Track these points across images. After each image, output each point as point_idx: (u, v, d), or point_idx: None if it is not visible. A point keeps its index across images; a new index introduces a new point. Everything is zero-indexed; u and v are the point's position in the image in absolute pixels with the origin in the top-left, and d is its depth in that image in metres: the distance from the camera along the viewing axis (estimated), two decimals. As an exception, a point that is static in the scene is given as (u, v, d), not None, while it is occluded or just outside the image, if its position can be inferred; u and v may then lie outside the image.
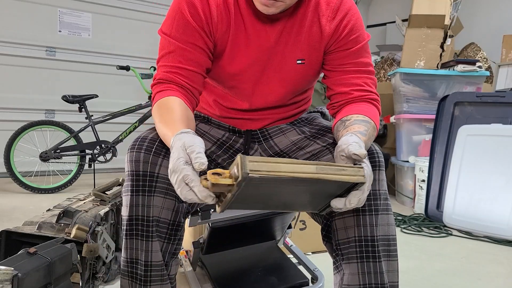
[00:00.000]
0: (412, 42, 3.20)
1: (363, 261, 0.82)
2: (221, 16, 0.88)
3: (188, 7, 0.86)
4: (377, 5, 5.77)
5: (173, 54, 0.87)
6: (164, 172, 0.80)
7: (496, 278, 1.72)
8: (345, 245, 0.84)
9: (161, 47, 0.89)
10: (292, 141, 1.02)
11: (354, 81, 0.93)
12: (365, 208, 0.82)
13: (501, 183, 2.34)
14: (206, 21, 0.87)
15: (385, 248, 0.83)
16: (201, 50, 0.88)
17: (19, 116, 3.75)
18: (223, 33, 0.90)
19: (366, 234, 0.82)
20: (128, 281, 0.81)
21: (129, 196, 0.79)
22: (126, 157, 0.81)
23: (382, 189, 0.85)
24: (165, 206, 0.80)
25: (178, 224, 0.83)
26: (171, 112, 0.81)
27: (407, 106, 3.09)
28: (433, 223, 2.53)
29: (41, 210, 2.42)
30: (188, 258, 1.44)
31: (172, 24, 0.87)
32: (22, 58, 3.78)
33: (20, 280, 0.95)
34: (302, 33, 0.92)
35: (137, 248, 0.79)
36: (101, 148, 3.30)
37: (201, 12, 0.86)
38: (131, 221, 0.79)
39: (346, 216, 0.84)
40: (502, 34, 3.59)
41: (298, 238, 1.85)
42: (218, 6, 0.88)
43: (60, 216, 1.37)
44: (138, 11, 4.27)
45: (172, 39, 0.87)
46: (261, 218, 1.14)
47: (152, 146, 0.81)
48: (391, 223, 0.85)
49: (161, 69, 0.89)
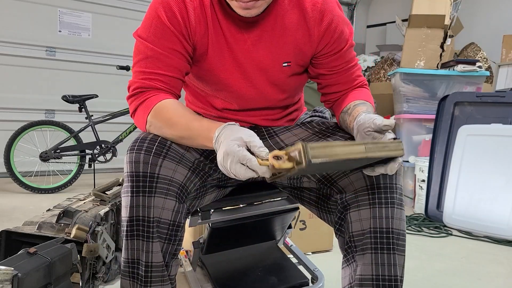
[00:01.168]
0: (412, 42, 3.20)
1: (377, 252, 0.82)
2: (198, 19, 0.87)
3: (165, 11, 0.84)
4: (377, 5, 5.77)
5: (151, 59, 0.86)
6: (164, 172, 0.80)
7: (496, 278, 1.72)
8: (359, 236, 0.84)
9: (137, 52, 0.87)
10: (297, 134, 1.02)
11: (348, 79, 0.99)
12: (381, 200, 0.83)
13: (501, 183, 2.34)
14: (184, 25, 0.86)
15: (395, 242, 0.83)
16: (180, 54, 0.87)
17: (19, 116, 3.75)
18: (202, 36, 0.89)
19: (382, 226, 0.82)
20: (129, 282, 0.81)
21: (129, 197, 0.79)
22: (125, 158, 0.81)
23: (398, 183, 0.85)
24: (165, 206, 0.80)
25: (179, 225, 0.83)
26: (183, 112, 0.83)
27: (407, 106, 3.09)
28: (433, 223, 2.53)
29: (41, 210, 2.42)
30: (188, 258, 1.44)
31: (149, 28, 0.86)
32: (22, 58, 3.78)
33: (20, 280, 0.95)
34: (287, 35, 0.91)
35: (138, 248, 0.79)
36: (101, 148, 3.30)
37: (179, 16, 0.85)
38: (132, 222, 0.79)
39: (362, 209, 0.84)
40: (502, 34, 3.59)
41: (298, 238, 1.85)
42: (195, 9, 0.86)
43: (60, 216, 1.37)
44: (138, 11, 4.27)
45: (150, 44, 0.85)
46: (261, 218, 1.14)
47: (152, 146, 0.81)
48: (403, 219, 0.85)
49: (139, 75, 0.87)
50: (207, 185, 0.95)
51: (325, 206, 0.93)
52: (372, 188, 0.84)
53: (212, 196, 0.99)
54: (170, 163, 0.81)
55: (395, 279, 0.82)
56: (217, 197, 1.03)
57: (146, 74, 0.86)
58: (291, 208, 1.16)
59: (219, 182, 1.00)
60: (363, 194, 0.84)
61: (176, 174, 0.82)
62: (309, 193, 0.98)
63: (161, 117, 0.83)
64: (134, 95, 0.88)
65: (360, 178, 0.85)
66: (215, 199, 1.03)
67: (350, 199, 0.86)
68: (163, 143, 0.83)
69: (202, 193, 0.94)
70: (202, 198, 0.95)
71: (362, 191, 0.84)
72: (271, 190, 1.10)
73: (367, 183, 0.84)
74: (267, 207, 1.11)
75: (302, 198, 1.01)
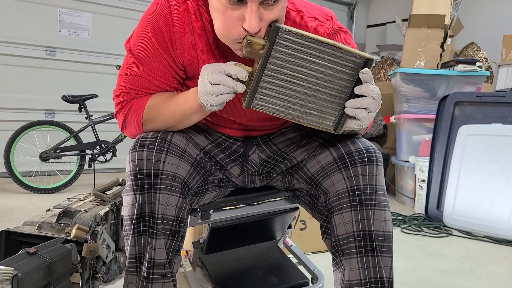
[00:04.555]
0: (412, 42, 3.20)
1: (362, 255, 0.82)
2: (187, 39, 0.85)
3: (153, 31, 0.83)
4: (377, 5, 5.77)
5: (138, 78, 0.87)
6: (168, 168, 0.80)
7: (496, 278, 1.72)
8: (344, 240, 0.84)
9: (126, 65, 0.88)
10: (289, 139, 1.02)
11: None
12: (362, 203, 0.83)
13: (501, 183, 2.34)
14: (172, 46, 0.85)
15: (379, 244, 0.83)
16: (168, 74, 0.88)
17: (19, 116, 3.75)
18: (192, 56, 0.87)
19: (364, 229, 0.82)
20: (135, 276, 0.81)
21: (134, 195, 0.79)
22: (128, 158, 0.82)
23: (379, 184, 0.85)
24: (169, 202, 0.80)
25: (182, 221, 0.83)
26: (162, 95, 0.87)
27: (407, 106, 3.09)
28: (433, 223, 2.53)
29: (41, 210, 2.42)
30: (188, 258, 1.44)
31: (139, 46, 0.85)
32: (22, 58, 3.78)
33: (20, 280, 0.95)
34: None
35: (145, 244, 0.80)
36: (101, 148, 3.30)
37: (167, 38, 0.84)
38: (139, 219, 0.79)
39: (344, 212, 0.84)
40: (502, 34, 3.58)
41: (298, 238, 1.85)
42: (183, 28, 0.84)
43: (60, 216, 1.37)
44: (138, 11, 4.27)
45: (139, 63, 0.86)
46: (261, 218, 1.14)
47: (154, 143, 0.81)
48: (387, 219, 0.85)
49: (124, 89, 0.89)
50: (208, 183, 0.95)
51: (316, 206, 0.93)
52: (352, 190, 0.84)
53: (212, 195, 0.99)
54: (173, 159, 0.82)
55: (382, 281, 0.82)
56: (217, 197, 1.03)
57: (131, 90, 0.89)
58: (291, 208, 1.16)
59: (220, 183, 1.00)
60: (344, 196, 0.84)
61: (179, 169, 0.83)
62: (301, 194, 0.98)
63: (150, 108, 0.86)
64: (119, 110, 0.91)
65: (340, 179, 0.85)
66: (215, 199, 1.03)
67: (333, 202, 0.86)
68: (164, 138, 0.83)
69: (203, 191, 0.94)
70: (202, 195, 0.95)
71: (343, 193, 0.85)
72: (271, 190, 1.10)
73: (347, 185, 0.84)
74: (267, 207, 1.11)
75: (299, 199, 1.01)
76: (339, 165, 0.87)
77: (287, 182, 1.00)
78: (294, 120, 0.80)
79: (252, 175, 1.04)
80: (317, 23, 0.89)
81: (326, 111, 0.80)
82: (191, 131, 0.94)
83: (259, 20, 0.73)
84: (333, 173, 0.87)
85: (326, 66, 0.77)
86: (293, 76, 0.77)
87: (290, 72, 0.76)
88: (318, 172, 0.90)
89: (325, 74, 0.77)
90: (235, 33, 0.75)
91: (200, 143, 0.95)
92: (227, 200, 1.06)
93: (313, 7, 0.92)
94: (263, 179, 1.05)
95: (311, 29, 0.88)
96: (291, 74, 0.76)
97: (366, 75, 0.76)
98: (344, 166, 0.86)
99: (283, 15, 0.77)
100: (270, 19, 0.74)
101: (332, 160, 0.88)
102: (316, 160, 0.92)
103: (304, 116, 0.80)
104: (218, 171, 0.98)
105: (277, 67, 0.75)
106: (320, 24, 0.89)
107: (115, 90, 0.92)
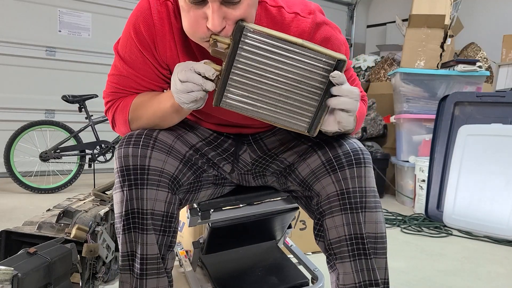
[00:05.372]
0: (412, 42, 3.20)
1: (355, 259, 0.82)
2: (168, 40, 0.86)
3: (135, 34, 0.84)
4: (377, 5, 5.77)
5: (124, 79, 0.89)
6: (154, 164, 0.81)
7: (496, 278, 1.72)
8: (337, 244, 0.84)
9: (115, 66, 0.90)
10: (280, 139, 1.02)
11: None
12: (352, 206, 0.83)
13: (501, 183, 2.34)
14: (155, 47, 0.86)
15: (372, 246, 0.83)
16: (154, 75, 0.89)
17: (19, 116, 3.75)
18: (173, 57, 0.88)
19: (356, 232, 0.82)
20: (129, 275, 0.81)
21: (122, 192, 0.80)
22: (115, 155, 0.83)
23: (369, 186, 0.85)
24: (158, 198, 0.80)
25: (172, 216, 0.83)
26: (147, 94, 0.89)
27: (407, 106, 3.09)
28: (433, 223, 2.53)
29: (41, 210, 2.42)
30: (188, 258, 1.44)
31: (125, 48, 0.87)
32: (22, 58, 3.78)
33: (20, 280, 0.95)
34: None
35: (136, 241, 0.80)
36: (101, 148, 3.30)
37: (148, 38, 0.84)
38: (128, 215, 0.79)
39: (335, 215, 0.84)
40: (502, 34, 3.58)
41: (298, 238, 1.85)
42: (164, 28, 0.84)
43: (60, 216, 1.37)
44: (138, 11, 4.27)
45: (125, 65, 0.87)
46: (261, 218, 1.14)
47: (139, 139, 0.82)
48: (379, 221, 0.84)
49: (112, 89, 0.91)
50: (202, 180, 0.95)
51: (310, 208, 0.93)
52: (342, 194, 0.84)
53: (208, 192, 1.00)
54: (159, 154, 0.82)
55: (376, 283, 0.82)
56: (214, 195, 1.03)
57: (119, 90, 0.91)
58: (291, 208, 1.16)
59: (216, 180, 1.00)
60: (334, 200, 0.84)
61: (166, 165, 0.83)
62: (297, 195, 0.98)
63: (135, 107, 0.88)
64: (108, 109, 0.94)
65: (329, 183, 0.85)
66: (212, 197, 1.03)
67: (324, 205, 0.86)
68: (149, 135, 0.84)
69: (197, 188, 0.94)
70: (196, 192, 0.95)
71: (333, 196, 0.84)
72: (271, 190, 1.10)
73: (337, 188, 0.84)
74: (267, 207, 1.12)
75: (296, 199, 1.01)
76: (327, 169, 0.86)
77: (283, 184, 1.00)
78: (266, 121, 0.79)
79: (245, 174, 1.04)
80: (297, 18, 0.86)
81: (299, 113, 0.79)
82: (180, 128, 0.95)
83: (222, 18, 0.72)
84: (322, 177, 0.87)
85: (296, 67, 0.74)
86: (262, 76, 0.75)
87: (259, 72, 0.75)
88: (309, 175, 0.90)
89: (295, 75, 0.75)
90: (200, 32, 0.74)
91: (190, 140, 0.95)
92: (227, 200, 1.06)
93: (295, 2, 0.88)
94: (257, 178, 1.05)
95: (291, 25, 0.85)
96: (260, 74, 0.75)
97: (337, 78, 0.74)
98: (332, 170, 0.86)
99: (251, 12, 0.75)
100: (236, 17, 0.72)
101: (321, 163, 0.88)
102: (306, 164, 0.91)
103: (276, 117, 0.79)
104: (212, 168, 0.98)
105: (245, 67, 0.74)
106: (301, 19, 0.85)
107: (105, 90, 0.94)
